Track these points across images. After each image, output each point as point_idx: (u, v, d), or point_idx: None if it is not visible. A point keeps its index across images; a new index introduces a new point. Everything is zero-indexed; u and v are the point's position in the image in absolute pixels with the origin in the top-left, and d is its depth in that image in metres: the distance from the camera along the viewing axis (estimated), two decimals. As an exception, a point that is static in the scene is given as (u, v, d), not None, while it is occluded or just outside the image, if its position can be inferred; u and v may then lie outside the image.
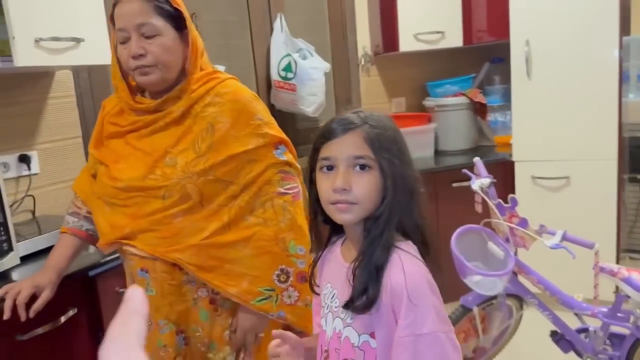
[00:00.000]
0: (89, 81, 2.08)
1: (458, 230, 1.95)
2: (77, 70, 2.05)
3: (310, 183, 0.95)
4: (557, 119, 2.56)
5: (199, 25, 2.44)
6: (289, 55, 2.59)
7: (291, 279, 1.26)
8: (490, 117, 3.07)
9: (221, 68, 2.44)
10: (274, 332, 0.96)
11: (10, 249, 1.45)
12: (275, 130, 1.28)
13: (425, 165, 2.73)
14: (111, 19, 1.20)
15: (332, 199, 0.88)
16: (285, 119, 2.75)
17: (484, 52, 3.12)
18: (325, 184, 0.88)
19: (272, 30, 2.66)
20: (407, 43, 2.78)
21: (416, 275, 0.84)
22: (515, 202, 1.84)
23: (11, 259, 1.45)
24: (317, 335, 1.01)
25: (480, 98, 2.89)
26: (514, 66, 2.60)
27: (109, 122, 1.28)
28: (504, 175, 2.74)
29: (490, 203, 1.89)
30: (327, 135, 0.89)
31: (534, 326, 2.20)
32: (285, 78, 2.59)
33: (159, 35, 1.17)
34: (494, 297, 2.01)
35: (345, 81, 2.97)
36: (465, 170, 2.03)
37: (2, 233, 1.43)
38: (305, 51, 2.67)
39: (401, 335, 0.82)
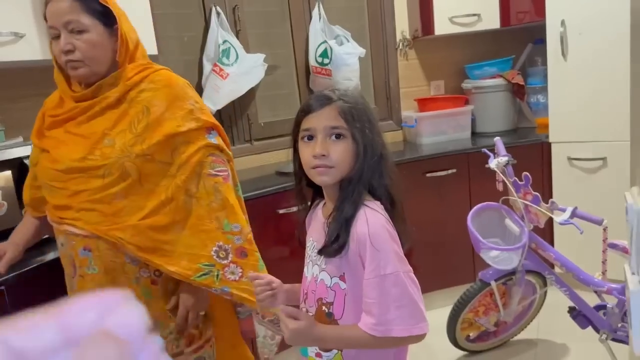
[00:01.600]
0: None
1: (475, 208, 2.03)
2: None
3: (294, 152, 1.11)
4: (593, 100, 2.53)
5: (241, 16, 2.63)
6: (325, 42, 2.72)
7: (231, 255, 1.32)
8: (532, 98, 3.05)
9: (262, 56, 2.62)
10: (251, 274, 1.13)
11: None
12: (207, 115, 1.36)
13: (461, 147, 2.79)
14: (44, 17, 1.26)
15: (312, 164, 1.03)
16: (323, 102, 2.89)
17: (525, 34, 3.10)
18: (307, 151, 1.04)
19: (310, 18, 2.80)
20: (442, 26, 2.83)
21: (377, 226, 0.98)
22: (528, 180, 1.89)
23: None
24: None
25: (518, 79, 2.89)
26: (549, 47, 2.59)
27: (49, 116, 1.34)
28: (541, 156, 2.75)
29: (507, 181, 1.95)
30: (307, 109, 1.05)
31: (558, 303, 2.24)
32: (321, 64, 2.74)
33: (85, 32, 1.23)
34: (514, 273, 2.07)
35: (383, 65, 3.06)
36: (484, 150, 2.10)
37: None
38: (342, 37, 2.79)
39: (368, 277, 0.97)
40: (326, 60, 2.74)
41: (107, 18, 1.27)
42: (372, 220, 0.98)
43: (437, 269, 2.68)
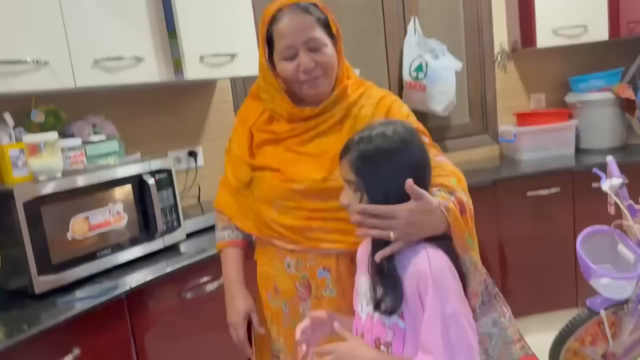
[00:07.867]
0: (243, 89, 2.43)
1: (584, 232, 1.92)
2: (234, 80, 2.41)
3: None
4: None
5: (337, 33, 2.67)
6: (420, 56, 2.70)
7: None
8: (643, 113, 2.85)
9: (356, 72, 2.64)
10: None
11: (179, 225, 1.83)
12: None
13: (564, 164, 2.65)
14: (266, 36, 1.22)
15: None
16: (417, 118, 2.86)
17: (635, 44, 2.90)
18: None
19: (405, 32, 2.79)
20: (545, 38, 2.70)
21: (439, 263, 0.95)
22: (646, 204, 1.76)
23: (179, 234, 1.83)
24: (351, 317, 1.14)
25: (628, 94, 2.70)
26: (667, 58, 2.41)
27: (260, 131, 1.30)
28: (655, 176, 2.54)
29: (621, 204, 1.83)
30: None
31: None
32: (416, 78, 2.71)
33: (324, 47, 1.20)
34: (625, 302, 1.93)
35: (479, 79, 2.98)
36: (595, 170, 1.98)
37: (174, 213, 1.80)
38: (438, 51, 2.75)
39: (429, 315, 0.93)
40: (421, 75, 2.71)
41: (331, 36, 1.23)
42: (433, 257, 0.95)
43: (535, 293, 2.56)
